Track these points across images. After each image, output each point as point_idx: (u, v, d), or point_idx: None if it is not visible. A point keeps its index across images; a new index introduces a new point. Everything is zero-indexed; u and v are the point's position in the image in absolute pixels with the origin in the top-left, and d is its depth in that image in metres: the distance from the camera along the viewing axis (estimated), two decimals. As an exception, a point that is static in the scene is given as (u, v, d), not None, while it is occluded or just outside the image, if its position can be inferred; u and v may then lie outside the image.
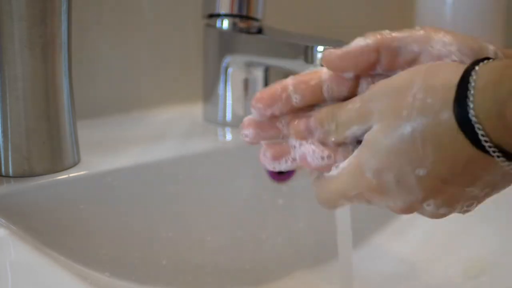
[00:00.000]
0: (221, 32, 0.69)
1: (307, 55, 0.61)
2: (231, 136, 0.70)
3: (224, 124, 0.71)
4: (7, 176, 0.56)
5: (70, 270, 0.51)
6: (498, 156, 0.37)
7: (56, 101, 0.56)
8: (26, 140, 0.55)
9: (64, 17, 0.55)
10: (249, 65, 0.69)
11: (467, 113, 0.37)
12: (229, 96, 0.70)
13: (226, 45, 0.69)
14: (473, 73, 0.37)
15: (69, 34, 0.56)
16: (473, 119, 0.37)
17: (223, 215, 0.67)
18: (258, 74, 0.70)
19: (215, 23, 0.69)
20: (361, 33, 0.45)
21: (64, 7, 0.55)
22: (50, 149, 0.56)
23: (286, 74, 0.80)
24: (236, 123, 0.71)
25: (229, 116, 0.70)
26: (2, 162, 0.56)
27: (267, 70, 0.71)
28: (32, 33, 0.54)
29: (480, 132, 0.37)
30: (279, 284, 0.69)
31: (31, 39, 0.54)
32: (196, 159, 0.65)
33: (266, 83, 0.71)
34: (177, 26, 0.76)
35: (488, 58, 0.39)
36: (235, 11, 0.68)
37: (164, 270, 0.62)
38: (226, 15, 0.68)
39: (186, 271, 0.64)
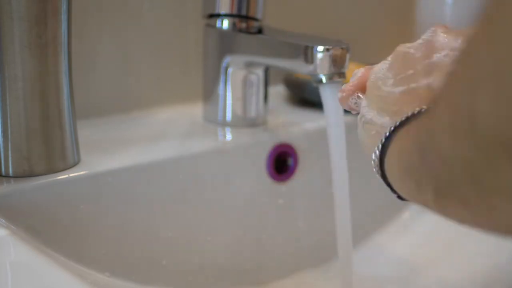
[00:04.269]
0: (221, 32, 0.69)
1: (307, 55, 0.61)
2: (231, 136, 0.70)
3: (224, 124, 0.71)
4: (7, 176, 0.56)
5: (70, 270, 0.51)
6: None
7: (56, 101, 0.56)
8: (26, 140, 0.55)
9: (64, 17, 0.55)
10: (249, 65, 0.69)
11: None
12: (229, 96, 0.70)
13: (226, 45, 0.69)
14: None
15: (69, 34, 0.56)
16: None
17: (223, 215, 0.67)
18: (258, 74, 0.70)
19: (215, 23, 0.69)
20: (361, 33, 0.46)
21: (64, 7, 0.55)
22: (50, 149, 0.56)
23: (286, 74, 0.81)
24: (236, 123, 0.71)
25: (229, 116, 0.70)
26: (2, 162, 0.56)
27: (267, 70, 0.71)
28: (32, 33, 0.54)
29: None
30: (279, 284, 0.69)
31: (31, 39, 0.54)
32: (196, 159, 0.65)
33: (266, 83, 0.71)
34: (177, 26, 0.76)
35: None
36: (235, 11, 0.68)
37: (164, 270, 0.62)
38: (226, 15, 0.68)
39: (186, 271, 0.64)
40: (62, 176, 0.57)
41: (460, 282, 0.67)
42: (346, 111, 0.50)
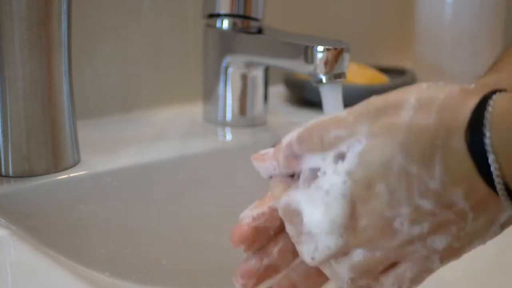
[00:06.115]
0: (221, 32, 0.69)
1: (307, 55, 0.61)
2: (231, 136, 0.70)
3: (224, 124, 0.71)
4: (7, 176, 0.56)
5: (70, 270, 0.51)
6: (503, 194, 0.35)
7: (56, 101, 0.56)
8: (26, 140, 0.55)
9: (64, 17, 0.55)
10: (249, 65, 0.69)
11: (482, 143, 0.34)
12: (229, 96, 0.70)
13: (226, 45, 0.69)
14: (490, 101, 0.34)
15: (69, 34, 0.56)
16: (488, 149, 0.34)
17: (223, 215, 0.67)
18: (258, 74, 0.70)
19: (215, 23, 0.69)
20: (361, 33, 0.45)
21: (64, 7, 0.55)
22: (50, 149, 0.56)
23: (286, 74, 0.81)
24: (236, 123, 0.71)
25: (229, 116, 0.70)
26: (2, 162, 0.56)
27: (267, 70, 0.71)
28: (32, 33, 0.54)
29: (493, 165, 0.34)
30: (279, 284, 0.69)
31: (31, 39, 0.54)
32: (196, 159, 0.65)
33: (266, 83, 0.71)
34: (177, 26, 0.76)
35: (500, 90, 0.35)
36: (235, 11, 0.68)
37: (164, 270, 0.62)
38: (226, 15, 0.68)
39: (186, 271, 0.64)
40: (62, 176, 0.57)
41: (460, 282, 0.67)
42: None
